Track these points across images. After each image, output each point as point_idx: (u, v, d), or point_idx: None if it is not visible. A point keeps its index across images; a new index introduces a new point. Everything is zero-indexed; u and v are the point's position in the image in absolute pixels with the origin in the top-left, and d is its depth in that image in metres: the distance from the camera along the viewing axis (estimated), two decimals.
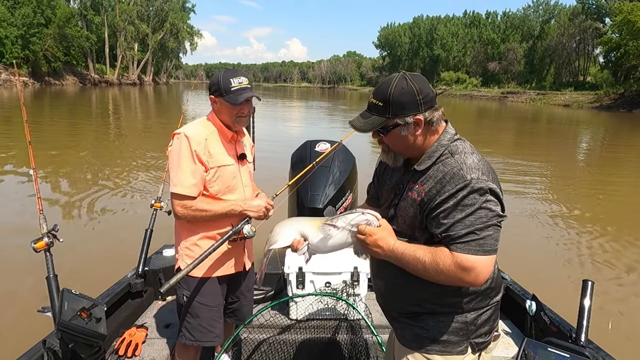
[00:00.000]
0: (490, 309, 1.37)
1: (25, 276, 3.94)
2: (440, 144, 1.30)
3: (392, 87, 1.24)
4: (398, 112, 1.25)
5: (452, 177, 1.21)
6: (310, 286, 2.55)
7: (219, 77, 1.88)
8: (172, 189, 1.84)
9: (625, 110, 34.52)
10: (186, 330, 2.00)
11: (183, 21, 79.92)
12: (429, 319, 1.35)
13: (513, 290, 2.61)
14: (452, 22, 79.74)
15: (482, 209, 1.17)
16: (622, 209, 7.80)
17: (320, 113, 29.57)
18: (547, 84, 57.06)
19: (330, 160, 2.93)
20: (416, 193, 1.29)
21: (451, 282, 1.21)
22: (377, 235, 1.26)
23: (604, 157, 14.17)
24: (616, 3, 41.72)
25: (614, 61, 43.27)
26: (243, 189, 2.01)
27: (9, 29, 44.35)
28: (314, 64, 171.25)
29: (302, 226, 1.42)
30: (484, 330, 1.36)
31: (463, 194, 1.18)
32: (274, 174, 4.35)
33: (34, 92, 37.14)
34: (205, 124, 1.95)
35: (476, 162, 1.23)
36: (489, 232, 1.18)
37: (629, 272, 4.92)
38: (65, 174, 8.60)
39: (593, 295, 1.92)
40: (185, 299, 1.98)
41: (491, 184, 1.20)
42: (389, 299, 1.48)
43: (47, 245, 1.97)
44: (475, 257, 1.16)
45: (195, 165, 1.83)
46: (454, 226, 1.18)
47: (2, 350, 2.59)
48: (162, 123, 18.86)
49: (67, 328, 1.75)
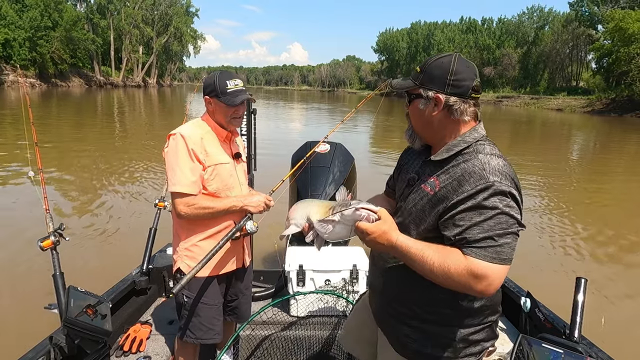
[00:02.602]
0: (483, 328, 1.26)
1: (32, 274, 3.94)
2: (463, 140, 1.19)
3: (436, 58, 1.20)
4: (425, 82, 1.19)
5: (472, 175, 1.10)
6: (311, 284, 2.54)
7: (214, 78, 1.88)
8: (172, 188, 1.81)
9: (617, 115, 34.59)
10: (187, 329, 1.99)
11: (187, 25, 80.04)
12: (416, 328, 1.27)
13: (508, 288, 2.60)
14: (449, 28, 79.75)
15: (503, 214, 1.07)
16: (614, 208, 7.82)
17: (322, 115, 29.56)
18: (541, 88, 57.07)
19: (330, 160, 2.93)
20: (429, 186, 1.19)
21: (458, 287, 1.09)
22: (376, 234, 1.13)
23: (599, 158, 14.19)
24: (608, 10, 41.78)
25: (606, 67, 43.30)
26: (240, 186, 2.01)
27: (17, 32, 44.34)
28: (315, 67, 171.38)
29: (310, 212, 1.37)
30: (474, 350, 1.26)
31: (484, 195, 1.07)
32: (275, 174, 4.35)
33: (40, 93, 37.13)
34: (200, 124, 1.94)
35: (501, 166, 1.12)
36: (507, 240, 1.07)
37: (622, 269, 4.95)
38: (71, 173, 8.57)
39: (586, 292, 1.91)
40: (185, 298, 1.96)
41: (514, 190, 1.10)
42: (380, 295, 1.40)
43: (54, 243, 1.98)
44: (490, 264, 1.05)
45: (194, 164, 1.81)
46: (471, 229, 1.07)
47: (11, 345, 2.58)
48: (167, 124, 18.87)
49: (73, 324, 1.75)
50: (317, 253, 2.52)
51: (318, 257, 2.56)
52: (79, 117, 20.51)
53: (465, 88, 1.17)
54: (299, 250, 2.61)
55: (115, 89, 55.65)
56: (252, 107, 2.65)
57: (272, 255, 4.06)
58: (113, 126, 18.07)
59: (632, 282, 4.68)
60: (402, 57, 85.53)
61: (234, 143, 2.06)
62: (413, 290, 1.26)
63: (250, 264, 2.20)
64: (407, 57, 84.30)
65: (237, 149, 2.06)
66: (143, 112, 25.83)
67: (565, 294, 2.09)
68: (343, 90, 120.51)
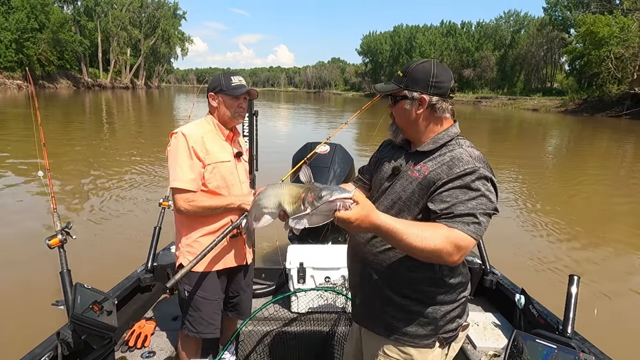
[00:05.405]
0: (459, 305, 1.36)
1: (40, 271, 3.89)
2: (447, 134, 1.31)
3: (417, 64, 1.30)
4: (409, 85, 1.29)
5: (460, 160, 1.22)
6: (311, 281, 2.55)
7: (220, 77, 1.95)
8: (172, 184, 1.84)
9: (588, 115, 35.40)
10: (188, 323, 2.00)
11: (174, 27, 79.05)
12: (400, 308, 1.33)
13: (503, 285, 2.64)
14: (430, 31, 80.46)
15: (484, 197, 1.18)
16: (605, 206, 7.95)
17: (312, 116, 29.52)
18: (517, 89, 58.05)
19: (329, 160, 2.94)
20: (417, 172, 1.29)
21: (436, 258, 1.14)
22: (359, 220, 1.05)
23: (600, 157, 14.46)
24: (580, 15, 42.65)
25: (578, 69, 44.21)
26: (240, 185, 2.02)
27: (3, 33, 43.28)
28: (301, 69, 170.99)
29: (282, 200, 1.25)
30: (452, 326, 1.35)
31: (471, 178, 1.19)
32: (276, 174, 4.36)
33: (28, 95, 36.22)
34: (202, 124, 1.97)
35: (481, 157, 1.25)
36: (484, 219, 1.17)
37: (613, 266, 5.02)
38: (73, 173, 8.44)
39: (579, 289, 1.93)
40: (186, 293, 1.97)
41: (493, 178, 1.23)
42: (363, 282, 1.42)
43: (61, 242, 1.95)
44: (469, 237, 1.15)
45: (193, 161, 1.83)
46: (456, 206, 1.17)
47: (19, 341, 2.55)
48: (166, 123, 18.69)
49: (79, 320, 1.75)
50: (318, 251, 2.56)
51: (318, 255, 2.58)
52: (76, 117, 20.18)
53: (445, 89, 1.28)
54: (299, 248, 2.62)
55: (103, 91, 54.62)
56: (253, 108, 2.66)
57: (273, 252, 4.07)
58: (113, 126, 17.86)
59: (623, 279, 4.73)
60: (385, 60, 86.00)
61: (236, 142, 2.07)
62: (398, 273, 1.32)
63: (251, 261, 2.20)
64: (390, 59, 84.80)
65: (239, 148, 2.08)
66: (142, 112, 25.58)
67: (559, 290, 2.11)
68: (328, 91, 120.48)
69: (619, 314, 3.91)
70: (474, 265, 2.78)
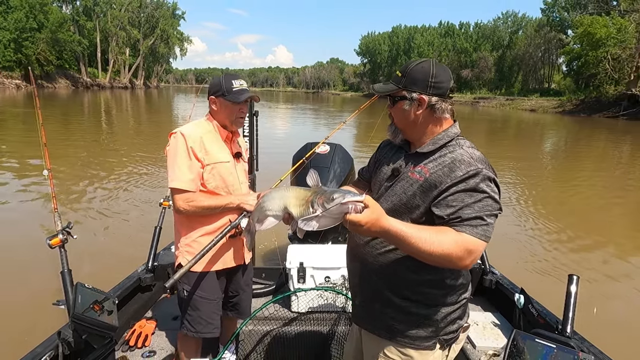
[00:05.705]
0: (460, 306, 1.35)
1: (41, 271, 3.90)
2: (447, 134, 1.29)
3: (415, 64, 1.27)
4: (408, 85, 1.26)
5: (462, 162, 1.20)
6: (311, 280, 2.55)
7: (220, 79, 1.90)
8: (170, 184, 1.84)
9: (586, 115, 35.43)
10: (187, 323, 2.00)
11: (173, 27, 78.90)
12: (401, 310, 1.32)
13: (502, 284, 2.64)
14: (428, 32, 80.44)
15: (490, 198, 1.17)
16: (602, 206, 7.95)
17: (311, 116, 29.50)
18: (515, 90, 58.10)
19: (330, 160, 2.94)
20: (418, 174, 1.26)
21: (447, 263, 1.14)
22: (369, 223, 1.05)
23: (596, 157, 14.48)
24: (577, 16, 42.69)
25: (576, 70, 44.22)
26: (239, 185, 2.01)
27: (2, 33, 43.14)
28: (299, 69, 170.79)
29: (287, 204, 1.25)
30: (452, 328, 1.34)
31: (475, 180, 1.17)
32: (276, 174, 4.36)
33: (26, 94, 36.12)
34: (202, 124, 1.95)
35: (482, 158, 1.23)
36: (491, 221, 1.17)
37: (612, 267, 5.02)
38: (74, 173, 8.41)
39: (578, 288, 1.93)
40: (185, 293, 1.97)
41: (496, 178, 1.22)
42: (363, 283, 1.41)
43: (62, 241, 1.95)
44: (479, 241, 1.14)
45: (191, 161, 1.82)
46: (463, 209, 1.15)
47: (20, 340, 2.56)
48: (165, 122, 18.62)
49: (80, 320, 1.75)
50: (317, 251, 2.55)
51: (318, 255, 2.57)
52: (75, 117, 20.08)
53: (445, 89, 1.26)
54: (299, 248, 2.62)
55: (102, 91, 54.48)
56: (254, 109, 2.66)
57: (273, 252, 4.06)
58: (112, 126, 17.79)
59: (622, 279, 4.73)
60: (383, 60, 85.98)
61: (235, 143, 2.07)
62: (398, 274, 1.30)
63: (250, 260, 2.20)
64: (388, 59, 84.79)
65: (239, 149, 2.07)
66: (141, 112, 25.49)
67: (558, 290, 2.10)
68: (327, 91, 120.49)
69: (618, 313, 3.92)
70: (474, 265, 2.77)
